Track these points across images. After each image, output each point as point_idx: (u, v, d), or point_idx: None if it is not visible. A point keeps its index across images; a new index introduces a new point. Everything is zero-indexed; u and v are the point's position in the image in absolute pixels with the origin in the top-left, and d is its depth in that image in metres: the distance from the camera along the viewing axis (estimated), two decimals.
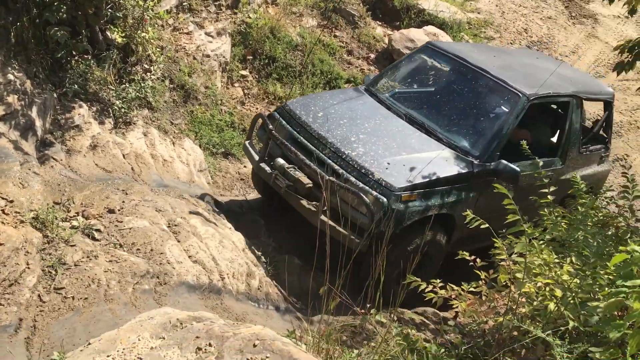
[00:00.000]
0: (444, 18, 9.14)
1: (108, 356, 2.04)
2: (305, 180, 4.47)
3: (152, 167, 5.00)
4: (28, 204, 3.61)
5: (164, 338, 2.12)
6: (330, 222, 4.18)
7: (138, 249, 3.68)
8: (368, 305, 3.02)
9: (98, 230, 3.72)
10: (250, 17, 7.77)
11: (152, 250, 3.71)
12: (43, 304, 3.10)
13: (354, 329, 3.49)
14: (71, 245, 3.47)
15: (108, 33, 5.54)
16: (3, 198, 3.55)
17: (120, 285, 3.36)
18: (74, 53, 5.13)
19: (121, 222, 3.87)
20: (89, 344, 2.13)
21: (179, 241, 3.95)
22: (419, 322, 4.15)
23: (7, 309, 2.97)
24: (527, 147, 4.48)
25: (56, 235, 3.50)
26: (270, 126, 4.74)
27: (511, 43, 9.68)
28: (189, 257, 3.87)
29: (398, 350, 2.70)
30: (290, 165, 4.59)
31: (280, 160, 4.62)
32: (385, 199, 4.14)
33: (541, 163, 4.01)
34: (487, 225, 3.38)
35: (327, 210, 4.24)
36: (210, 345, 2.08)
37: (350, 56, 8.30)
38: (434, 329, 4.01)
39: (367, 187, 4.21)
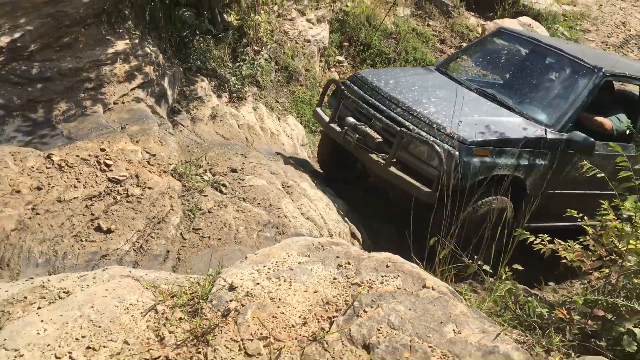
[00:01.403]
0: (539, 9, 9.17)
1: (264, 266, 2.43)
2: (375, 134, 4.54)
3: (262, 138, 5.46)
4: (167, 159, 4.11)
5: (309, 256, 2.49)
6: (400, 173, 4.30)
7: (259, 203, 4.10)
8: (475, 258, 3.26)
9: (224, 185, 4.17)
10: (347, 6, 8.13)
11: (270, 205, 4.12)
12: (184, 241, 3.56)
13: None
14: (204, 195, 3.93)
15: (225, 16, 6.05)
16: (147, 152, 4.06)
17: (247, 231, 3.78)
18: (197, 32, 5.65)
19: (243, 180, 4.31)
20: (246, 257, 2.53)
21: (292, 200, 4.35)
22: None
23: (157, 242, 3.45)
24: (603, 132, 4.63)
25: (192, 185, 3.97)
26: (342, 87, 4.88)
27: (608, 36, 9.55)
28: (302, 214, 4.26)
29: (507, 299, 2.92)
30: (360, 122, 4.68)
31: (351, 119, 4.73)
32: (456, 152, 4.11)
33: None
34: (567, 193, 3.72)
35: (397, 163, 4.34)
36: (349, 263, 2.43)
37: (442, 45, 8.50)
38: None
39: (439, 140, 4.20)
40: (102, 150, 3.87)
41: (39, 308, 2.24)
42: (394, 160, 4.38)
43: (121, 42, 4.75)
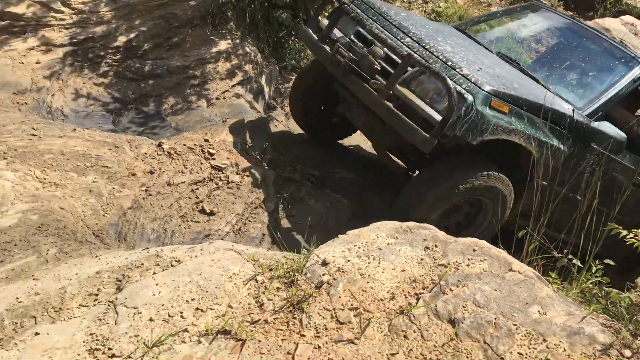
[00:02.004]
0: None
1: (354, 245, 2.58)
2: (373, 58, 3.63)
3: None
4: (264, 150, 4.38)
5: (397, 238, 2.62)
6: (396, 110, 3.50)
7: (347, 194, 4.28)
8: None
9: (314, 176, 4.38)
10: (440, 7, 8.16)
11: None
12: (278, 226, 3.80)
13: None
14: (297, 185, 4.16)
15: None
16: (246, 143, 4.35)
17: (336, 220, 3.97)
18: (292, 33, 5.92)
19: (333, 171, 4.51)
20: (338, 237, 2.69)
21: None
22: None
23: (254, 225, 3.70)
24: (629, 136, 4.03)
25: (286, 175, 4.21)
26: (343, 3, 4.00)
27: None
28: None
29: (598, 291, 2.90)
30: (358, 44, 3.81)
31: (346, 38, 3.90)
32: (470, 96, 3.36)
33: None
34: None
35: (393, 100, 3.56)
36: (436, 246, 2.54)
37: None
38: None
39: (451, 81, 3.38)
40: (206, 140, 4.19)
41: (154, 273, 2.51)
42: (391, 92, 3.52)
43: (224, 42, 5.10)
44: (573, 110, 3.84)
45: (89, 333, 2.19)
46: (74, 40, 4.50)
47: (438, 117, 3.36)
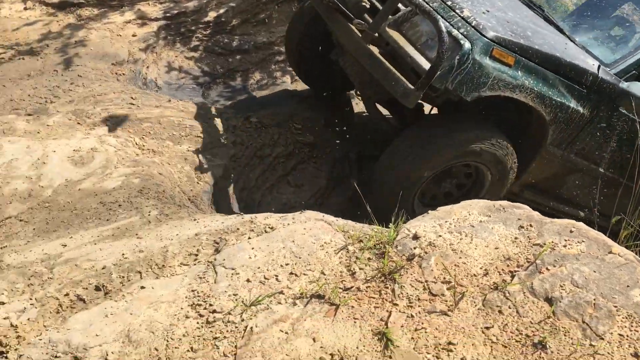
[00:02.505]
0: None
1: (446, 221, 2.59)
2: None
3: None
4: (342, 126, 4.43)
5: (489, 216, 2.60)
6: (380, 56, 3.02)
7: None
8: None
9: None
10: None
11: None
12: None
13: None
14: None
15: None
16: (329, 119, 4.41)
17: None
18: None
19: None
20: (428, 212, 2.71)
21: None
22: None
23: (336, 199, 3.76)
24: None
25: (367, 154, 4.24)
26: None
27: None
28: None
29: None
30: None
31: None
32: (467, 43, 2.86)
33: None
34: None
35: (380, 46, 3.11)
36: (530, 225, 2.51)
37: None
38: None
39: (447, 24, 2.95)
40: (291, 116, 4.27)
41: (249, 238, 2.61)
42: (376, 35, 3.07)
43: None
44: (599, 66, 3.27)
45: (190, 290, 2.31)
46: (168, 15, 4.67)
47: (426, 66, 2.87)
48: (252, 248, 2.52)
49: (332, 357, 2.02)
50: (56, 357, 2.06)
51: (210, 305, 2.23)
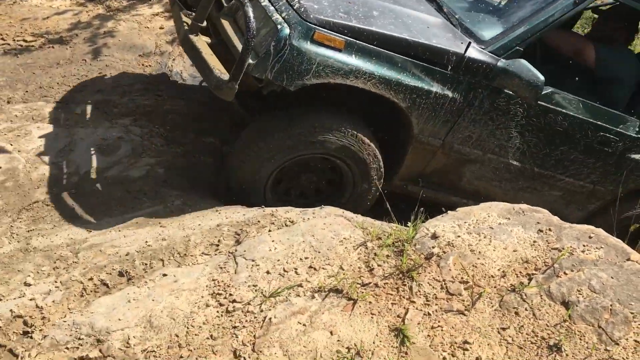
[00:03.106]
0: None
1: (465, 222, 2.61)
2: None
3: None
4: None
5: (509, 219, 2.62)
6: (201, 46, 2.82)
7: None
8: None
9: None
10: None
11: None
12: None
13: None
14: None
15: None
16: None
17: None
18: None
19: None
20: (447, 212, 2.73)
21: None
22: None
23: None
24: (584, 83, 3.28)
25: None
26: None
27: None
28: None
29: None
30: None
31: None
32: (286, 28, 2.61)
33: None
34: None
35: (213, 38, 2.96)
36: (550, 230, 2.52)
37: None
38: None
39: (272, 8, 2.72)
40: None
41: (269, 231, 2.65)
42: (203, 24, 2.88)
43: None
44: (468, 45, 2.91)
45: (211, 279, 2.36)
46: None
47: (252, 60, 2.64)
48: (273, 241, 2.56)
49: (349, 350, 2.06)
50: (79, 339, 2.12)
51: (230, 295, 2.27)
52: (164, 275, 2.40)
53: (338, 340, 2.09)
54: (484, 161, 3.23)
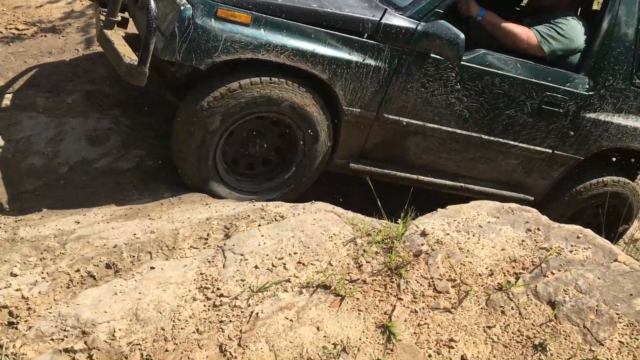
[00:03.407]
0: None
1: (454, 220, 2.61)
2: None
3: None
4: None
5: (498, 217, 2.62)
6: (115, 38, 2.86)
7: None
8: None
9: None
10: None
11: None
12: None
13: None
14: None
15: None
16: None
17: None
18: None
19: None
20: (437, 210, 2.73)
21: None
22: None
23: None
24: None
25: None
26: None
27: None
28: None
29: None
30: None
31: None
32: (189, 8, 2.62)
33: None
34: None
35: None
36: (538, 229, 2.52)
37: None
38: None
39: None
40: None
41: (259, 225, 2.65)
42: (117, 19, 2.96)
43: None
44: (385, 12, 2.86)
45: (199, 272, 2.35)
46: None
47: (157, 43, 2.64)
48: (262, 235, 2.56)
49: (335, 346, 2.06)
50: (65, 330, 2.11)
51: (218, 289, 2.27)
52: (152, 268, 2.40)
53: (324, 336, 2.09)
54: (425, 132, 3.14)
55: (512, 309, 2.16)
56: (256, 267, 2.37)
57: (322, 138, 3.02)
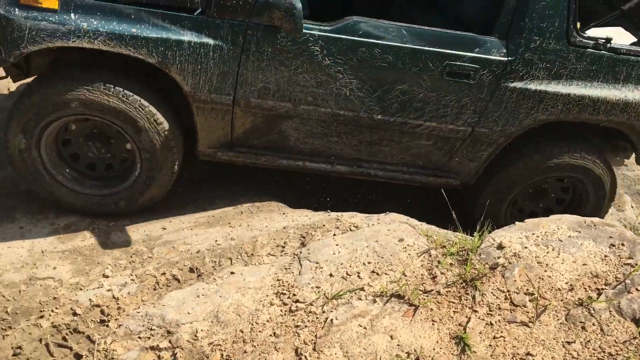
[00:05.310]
0: None
1: (533, 234, 2.56)
2: None
3: None
4: None
5: (579, 232, 2.55)
6: None
7: None
8: None
9: None
10: None
11: None
12: None
13: None
14: None
15: None
16: None
17: None
18: None
19: None
20: (515, 223, 2.69)
21: None
22: None
23: None
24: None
25: None
26: None
27: None
28: None
29: None
30: None
31: None
32: None
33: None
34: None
35: None
36: (622, 244, 2.43)
37: None
38: None
39: None
40: None
41: (334, 235, 2.70)
42: None
43: None
44: None
45: (276, 279, 2.43)
46: None
47: None
48: (337, 244, 2.61)
49: (408, 355, 2.07)
50: (151, 329, 2.24)
51: (294, 295, 2.33)
52: (232, 273, 2.50)
53: (398, 345, 2.11)
54: (301, 114, 2.80)
55: (594, 325, 2.09)
56: (331, 275, 2.42)
57: (148, 127, 2.69)
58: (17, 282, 2.48)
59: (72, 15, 2.45)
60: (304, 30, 2.54)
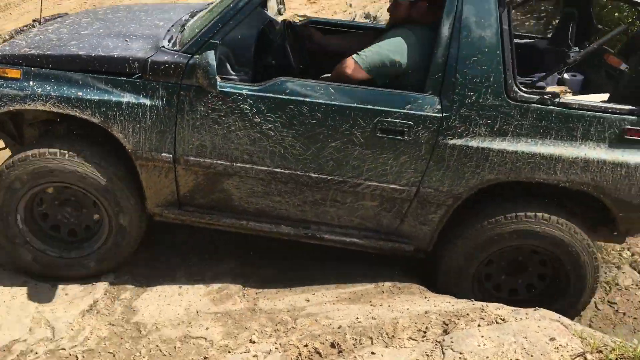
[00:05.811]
0: None
1: None
2: None
3: None
4: None
5: None
6: None
7: None
8: None
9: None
10: None
11: None
12: (598, 311, 3.58)
13: None
14: (622, 272, 3.87)
15: None
16: None
17: None
18: None
19: None
20: None
21: None
22: None
23: None
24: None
25: (609, 259, 3.95)
26: None
27: None
28: None
29: None
30: None
31: None
32: None
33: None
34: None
35: None
36: None
37: None
38: None
39: None
40: None
41: (478, 325, 2.62)
42: None
43: None
44: (159, 49, 2.80)
45: None
46: None
47: None
48: (482, 336, 2.52)
49: None
50: None
51: None
52: (372, 353, 2.50)
53: None
54: (239, 172, 2.86)
55: None
56: None
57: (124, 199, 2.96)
58: (173, 339, 2.66)
59: (31, 82, 2.81)
60: (233, 90, 2.73)
